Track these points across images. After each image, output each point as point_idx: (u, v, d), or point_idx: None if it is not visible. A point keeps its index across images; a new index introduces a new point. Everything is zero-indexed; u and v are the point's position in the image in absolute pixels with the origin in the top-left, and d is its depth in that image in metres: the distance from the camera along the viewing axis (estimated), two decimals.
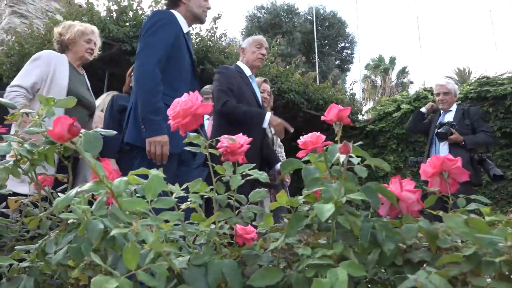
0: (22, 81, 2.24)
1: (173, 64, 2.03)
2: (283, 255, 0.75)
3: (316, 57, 15.38)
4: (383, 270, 0.65)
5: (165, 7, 2.24)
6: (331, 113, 0.83)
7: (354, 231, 0.64)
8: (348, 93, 8.01)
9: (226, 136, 0.86)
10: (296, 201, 0.75)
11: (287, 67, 6.59)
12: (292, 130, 2.55)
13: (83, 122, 2.36)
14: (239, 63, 2.98)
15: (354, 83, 8.34)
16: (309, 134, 0.91)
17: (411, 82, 24.27)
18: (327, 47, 19.80)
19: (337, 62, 20.48)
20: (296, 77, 6.41)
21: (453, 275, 0.54)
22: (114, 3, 5.38)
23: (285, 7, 19.90)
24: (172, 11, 2.08)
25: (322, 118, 0.86)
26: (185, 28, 2.09)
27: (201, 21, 2.21)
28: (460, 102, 6.35)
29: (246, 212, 0.78)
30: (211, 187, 0.79)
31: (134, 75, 1.95)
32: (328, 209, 0.56)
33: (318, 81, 11.34)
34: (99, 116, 2.71)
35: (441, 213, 0.65)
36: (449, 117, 3.70)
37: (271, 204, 0.81)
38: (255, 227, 0.85)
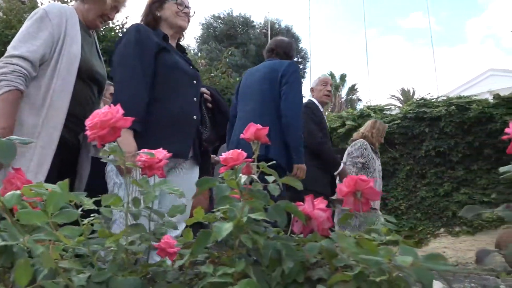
0: (26, 50, 1.56)
1: None
2: (195, 271, 0.76)
3: None
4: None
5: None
6: (249, 132, 0.85)
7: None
8: None
9: (145, 151, 0.85)
10: (212, 217, 0.77)
11: (237, 78, 6.64)
12: None
13: (92, 102, 1.84)
14: (313, 99, 3.62)
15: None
16: (230, 151, 0.93)
17: (359, 100, 25.25)
18: None
19: None
20: None
21: None
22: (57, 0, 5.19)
23: (241, 19, 20.12)
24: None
25: (241, 136, 0.88)
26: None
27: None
28: (400, 121, 6.71)
29: (159, 228, 0.78)
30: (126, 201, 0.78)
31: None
32: (226, 228, 0.58)
33: None
34: (110, 93, 2.49)
35: (332, 234, 0.68)
36: None
37: (189, 219, 0.82)
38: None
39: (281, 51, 2.91)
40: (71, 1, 5.40)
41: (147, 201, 0.75)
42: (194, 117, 1.83)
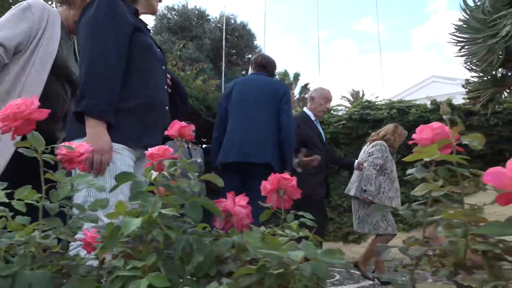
0: (3, 36, 1.58)
1: None
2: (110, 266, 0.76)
3: (223, 65, 15.57)
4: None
5: None
6: (173, 129, 0.87)
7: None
8: None
9: (65, 144, 0.84)
10: (134, 212, 0.77)
11: (188, 72, 6.57)
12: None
13: (63, 100, 1.82)
14: (305, 109, 3.88)
15: None
16: (157, 147, 0.93)
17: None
18: (234, 56, 20.20)
19: (244, 72, 20.98)
20: (196, 83, 6.42)
21: (244, 285, 0.61)
22: None
23: (196, 11, 19.87)
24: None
25: (166, 132, 0.89)
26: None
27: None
28: (345, 122, 6.96)
29: (75, 222, 0.78)
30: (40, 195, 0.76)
31: None
32: (135, 223, 0.59)
33: (223, 90, 11.50)
34: None
35: (247, 230, 0.71)
36: None
37: (109, 214, 0.82)
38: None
39: (271, 70, 3.31)
40: (52, 3, 5.09)
41: (61, 195, 0.74)
42: (166, 107, 1.69)
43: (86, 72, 1.45)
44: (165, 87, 1.72)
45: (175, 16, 19.80)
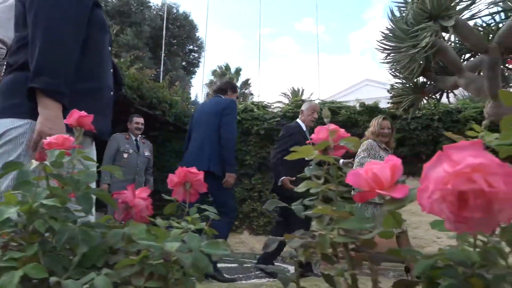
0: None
1: None
2: None
3: (163, 55, 15.20)
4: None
5: None
6: (72, 118, 0.85)
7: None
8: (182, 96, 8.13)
9: None
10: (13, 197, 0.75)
11: (122, 59, 6.35)
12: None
13: None
14: (298, 120, 4.42)
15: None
16: (56, 136, 0.91)
17: (252, 94, 26.03)
18: (175, 46, 19.79)
19: (184, 63, 20.64)
20: (131, 71, 6.22)
21: (124, 276, 0.62)
22: None
23: None
24: None
25: (65, 121, 0.87)
26: None
27: None
28: (279, 118, 7.12)
29: None
30: None
31: None
32: (9, 212, 0.58)
33: (161, 79, 11.22)
34: None
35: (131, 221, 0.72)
36: None
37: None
38: None
39: (224, 88, 4.19)
40: None
41: None
42: (111, 93, 1.57)
43: (44, 45, 1.27)
44: (111, 70, 1.60)
45: (113, 0, 18.95)
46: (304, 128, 4.32)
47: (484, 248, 0.46)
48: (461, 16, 4.00)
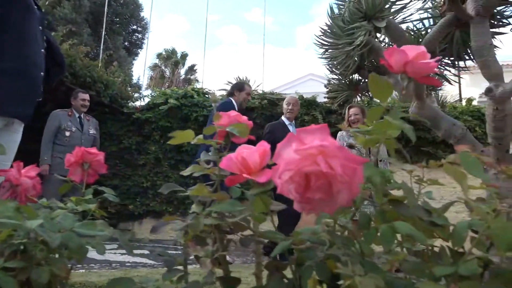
0: None
1: None
2: None
3: (103, 32, 14.47)
4: None
5: None
6: None
7: None
8: (121, 77, 7.81)
9: None
10: None
11: (53, 33, 5.94)
12: None
13: None
14: (283, 117, 4.56)
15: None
16: None
17: (197, 81, 25.68)
18: (117, 25, 18.91)
19: (126, 43, 19.83)
20: (63, 47, 5.84)
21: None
22: None
23: None
24: None
25: None
26: None
27: None
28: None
29: None
30: None
31: None
32: None
33: (101, 57, 10.68)
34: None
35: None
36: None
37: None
38: None
39: (231, 90, 4.46)
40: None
41: None
42: (42, 73, 1.50)
43: None
44: (42, 50, 1.55)
45: None
46: (287, 122, 4.49)
47: (333, 229, 0.47)
48: (394, 18, 4.20)
